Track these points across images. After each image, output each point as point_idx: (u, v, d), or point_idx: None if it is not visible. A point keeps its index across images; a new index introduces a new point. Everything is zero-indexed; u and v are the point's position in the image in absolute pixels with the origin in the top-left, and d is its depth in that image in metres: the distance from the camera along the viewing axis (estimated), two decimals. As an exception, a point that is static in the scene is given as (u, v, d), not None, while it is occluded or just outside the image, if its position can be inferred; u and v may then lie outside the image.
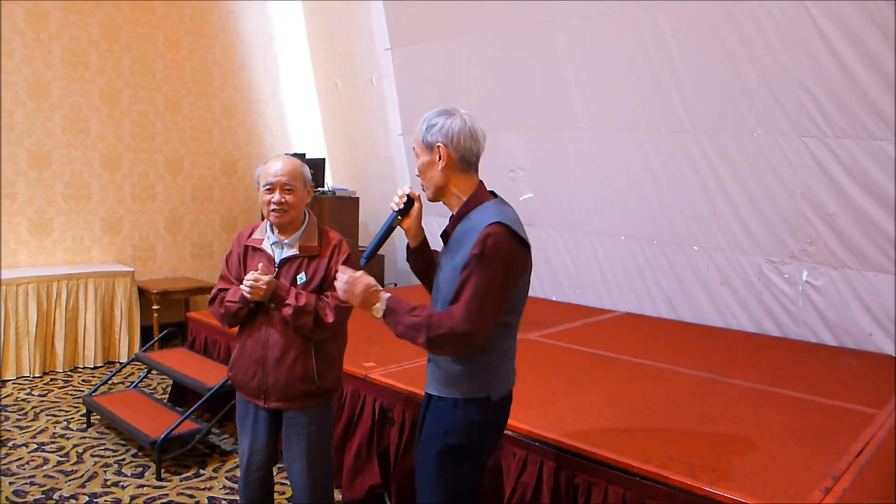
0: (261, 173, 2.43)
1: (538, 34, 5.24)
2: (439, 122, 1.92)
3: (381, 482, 3.13)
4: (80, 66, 5.73)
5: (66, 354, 5.29)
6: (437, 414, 1.98)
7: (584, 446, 2.43)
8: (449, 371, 1.94)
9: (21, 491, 3.25)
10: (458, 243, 1.91)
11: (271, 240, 2.46)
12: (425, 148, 1.93)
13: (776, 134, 4.17)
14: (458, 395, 1.93)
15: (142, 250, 6.26)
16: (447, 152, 1.91)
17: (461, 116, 1.93)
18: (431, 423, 1.99)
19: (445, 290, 1.92)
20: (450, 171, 1.93)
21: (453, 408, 1.94)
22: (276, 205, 2.36)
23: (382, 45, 6.51)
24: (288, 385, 2.38)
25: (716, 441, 2.54)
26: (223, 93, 6.77)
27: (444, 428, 1.94)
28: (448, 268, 1.93)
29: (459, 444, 1.93)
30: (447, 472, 1.95)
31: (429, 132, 1.92)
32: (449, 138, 1.90)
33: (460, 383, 1.93)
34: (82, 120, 5.78)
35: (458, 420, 1.93)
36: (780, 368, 3.65)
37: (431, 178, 1.95)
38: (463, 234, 1.91)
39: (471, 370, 1.93)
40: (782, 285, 4.36)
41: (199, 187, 6.65)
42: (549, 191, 5.47)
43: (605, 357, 3.79)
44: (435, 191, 1.97)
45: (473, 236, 1.84)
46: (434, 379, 2.00)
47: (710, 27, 4.32)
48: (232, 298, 2.40)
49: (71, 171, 5.75)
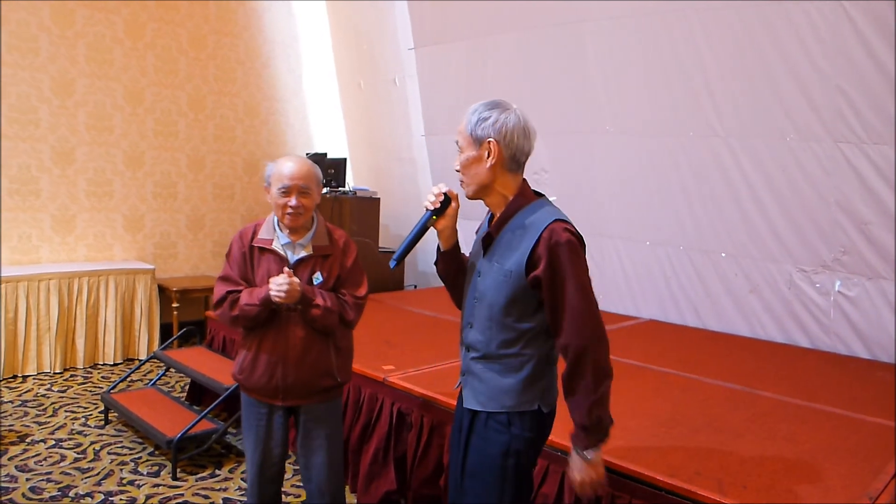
0: (273, 174, 2.37)
1: (565, 35, 5.15)
2: (493, 115, 1.77)
3: (398, 488, 3.07)
4: (105, 64, 5.75)
5: (86, 351, 5.31)
6: (489, 435, 1.83)
7: (608, 458, 2.33)
8: (495, 383, 1.83)
9: (37, 487, 3.24)
10: (507, 245, 1.80)
11: (282, 240, 2.41)
12: (473, 142, 1.78)
13: (810, 139, 4.05)
14: (508, 410, 1.81)
15: (163, 248, 6.27)
16: (498, 149, 1.76)
17: (515, 112, 1.79)
18: (483, 445, 1.84)
19: (491, 296, 1.81)
20: (498, 169, 1.79)
21: (507, 426, 1.81)
22: (293, 209, 2.33)
23: (406, 45, 6.47)
24: (310, 382, 2.40)
25: (746, 456, 2.44)
26: (246, 91, 6.77)
27: (499, 450, 1.81)
28: (493, 272, 1.81)
29: (517, 464, 1.82)
30: (510, 493, 1.83)
31: (479, 125, 1.77)
32: (502, 134, 1.76)
33: (510, 396, 1.81)
34: (106, 117, 5.80)
35: (514, 439, 1.81)
36: (812, 381, 3.54)
37: (476, 175, 1.80)
38: (513, 235, 1.79)
39: (521, 382, 1.81)
40: (814, 295, 4.23)
41: (221, 186, 6.65)
42: (574, 194, 5.38)
43: (628, 365, 3.70)
44: (478, 189, 1.83)
45: (530, 237, 1.74)
46: (477, 394, 1.87)
47: (743, 28, 4.21)
48: (251, 301, 2.32)
49: (94, 169, 5.77)
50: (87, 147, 5.71)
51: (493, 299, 1.80)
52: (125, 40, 5.86)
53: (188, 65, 6.31)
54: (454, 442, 2.01)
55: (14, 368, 4.97)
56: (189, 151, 6.38)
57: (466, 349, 1.91)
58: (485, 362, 1.85)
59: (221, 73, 6.56)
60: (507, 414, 1.81)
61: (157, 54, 6.09)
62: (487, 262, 1.85)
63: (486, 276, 1.83)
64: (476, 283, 1.87)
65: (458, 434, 1.95)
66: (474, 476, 1.86)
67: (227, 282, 2.42)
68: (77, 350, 5.28)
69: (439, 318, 4.74)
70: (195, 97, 6.38)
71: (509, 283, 1.77)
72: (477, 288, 1.86)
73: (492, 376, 1.83)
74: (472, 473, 1.86)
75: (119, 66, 5.84)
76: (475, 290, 1.87)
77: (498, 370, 1.82)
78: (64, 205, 5.62)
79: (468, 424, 1.89)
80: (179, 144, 6.31)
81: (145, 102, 6.04)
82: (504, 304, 1.79)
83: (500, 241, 1.82)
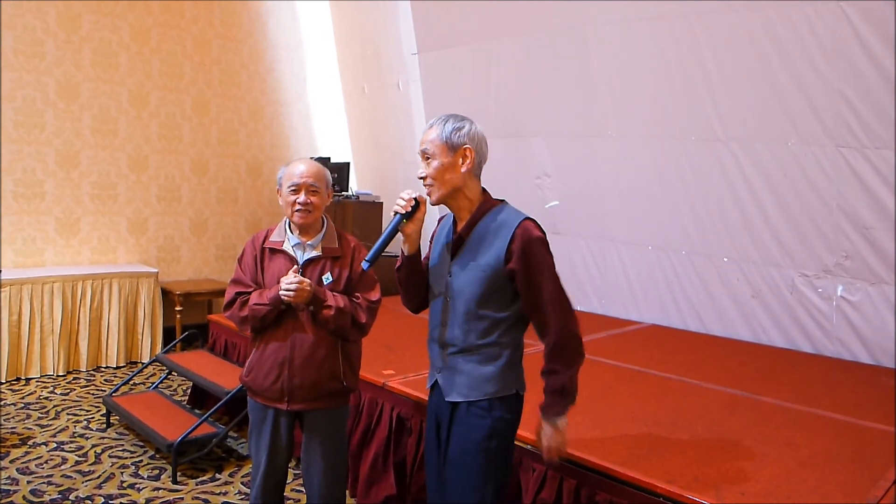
0: (284, 174, 2.45)
1: (568, 39, 5.16)
2: (465, 125, 1.94)
3: (397, 493, 3.07)
4: (110, 68, 5.79)
5: (89, 354, 5.33)
6: (471, 421, 1.94)
7: (606, 464, 2.34)
8: (476, 373, 1.94)
9: (38, 490, 3.25)
10: (479, 244, 1.93)
11: (292, 241, 2.45)
12: (447, 149, 1.92)
13: (812, 143, 4.04)
14: (490, 396, 1.92)
15: (166, 251, 6.29)
16: (473, 155, 1.93)
17: (476, 124, 1.98)
18: (465, 431, 1.94)
19: (468, 291, 1.93)
20: (468, 175, 1.95)
21: (488, 410, 1.92)
22: (301, 205, 2.38)
23: (410, 50, 6.48)
24: (315, 385, 2.39)
25: (745, 463, 2.43)
26: (250, 95, 6.79)
27: (482, 434, 1.92)
28: (468, 270, 1.94)
29: (499, 447, 1.93)
30: (494, 476, 1.93)
31: (455, 134, 1.92)
32: (476, 143, 1.94)
33: (491, 383, 1.93)
34: (111, 121, 5.83)
35: (496, 422, 1.92)
36: (813, 387, 3.52)
37: (449, 181, 1.94)
38: (485, 234, 1.93)
39: (500, 368, 1.93)
40: (816, 300, 4.22)
41: (225, 189, 6.67)
42: (576, 198, 5.37)
43: (629, 370, 3.69)
44: (449, 193, 1.96)
45: (504, 235, 1.89)
46: (457, 385, 1.97)
47: (745, 32, 4.21)
48: (260, 301, 2.35)
49: (98, 172, 5.80)
50: (91, 150, 5.74)
51: (471, 294, 1.93)
52: (130, 45, 5.89)
53: (192, 69, 6.34)
54: (430, 439, 2.10)
55: (17, 371, 5.00)
56: (193, 155, 6.41)
57: (441, 347, 2.02)
58: (464, 355, 1.96)
59: (226, 77, 6.59)
60: (489, 400, 1.93)
61: (162, 59, 6.12)
62: (459, 262, 1.97)
63: (459, 275, 1.95)
64: (449, 283, 1.98)
65: (435, 431, 2.05)
66: (458, 463, 1.95)
67: (238, 284, 2.47)
68: (80, 353, 5.30)
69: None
70: (199, 101, 6.41)
71: (486, 278, 1.91)
72: (452, 287, 1.98)
73: (472, 367, 1.95)
74: (456, 461, 1.95)
75: (124, 70, 5.87)
76: (449, 290, 1.98)
77: (477, 360, 1.94)
78: (68, 208, 5.65)
79: (448, 417, 1.99)
80: (183, 148, 6.33)
81: (150, 106, 6.07)
82: (481, 297, 1.92)
83: (473, 239, 1.95)
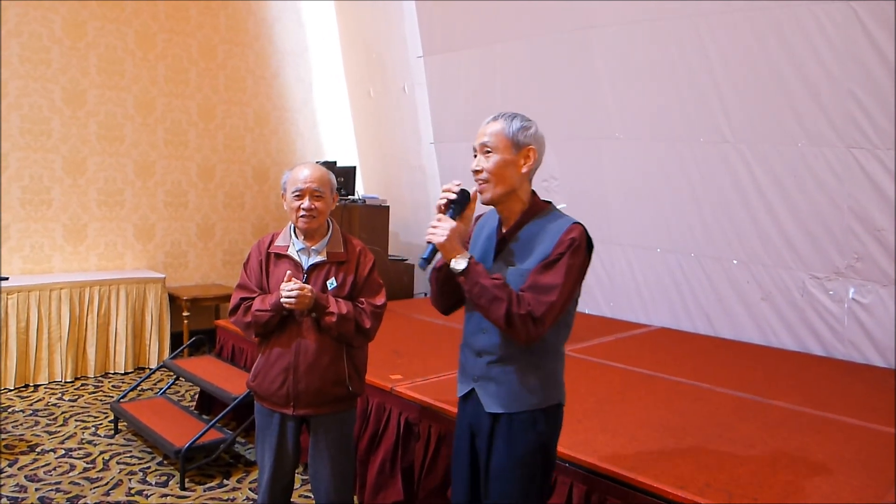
0: (288, 179, 2.44)
1: (574, 41, 5.14)
2: (532, 126, 1.87)
3: (405, 498, 3.05)
4: (116, 75, 5.80)
5: (97, 360, 5.33)
6: (514, 434, 1.86)
7: (616, 469, 2.32)
8: (518, 384, 1.86)
9: (46, 497, 3.25)
10: (525, 247, 1.86)
11: (297, 246, 2.45)
12: (512, 146, 1.84)
13: (822, 144, 4.00)
14: (534, 407, 1.86)
15: (173, 257, 6.29)
16: (535, 157, 1.87)
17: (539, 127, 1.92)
18: (508, 445, 1.86)
19: None
20: (525, 177, 1.89)
21: (532, 424, 1.86)
22: (306, 210, 2.37)
23: (415, 54, 6.48)
24: (321, 390, 2.39)
25: (756, 468, 2.40)
26: (256, 101, 6.80)
27: (526, 449, 1.85)
28: (510, 274, 1.86)
29: (544, 461, 1.89)
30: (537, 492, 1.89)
31: (522, 132, 1.84)
32: (539, 145, 1.88)
33: (534, 394, 1.86)
34: (117, 127, 5.84)
35: (540, 436, 1.86)
36: (825, 390, 3.48)
37: (507, 179, 1.85)
38: (533, 237, 1.86)
39: (542, 379, 1.87)
40: (827, 302, 4.18)
41: (231, 195, 6.67)
42: (584, 201, 5.35)
43: (639, 374, 3.66)
44: (504, 192, 1.87)
45: (553, 237, 1.82)
46: (499, 397, 1.88)
47: (753, 32, 4.18)
48: (262, 307, 2.36)
49: (105, 178, 5.81)
50: (98, 157, 5.75)
51: None
52: (136, 51, 5.91)
53: (198, 75, 6.34)
54: (461, 449, 2.01)
55: (26, 378, 5.00)
56: (199, 161, 6.41)
57: (478, 355, 1.93)
58: (503, 364, 1.88)
59: (231, 82, 6.59)
60: (532, 412, 1.86)
61: (168, 65, 6.13)
62: (499, 265, 1.89)
63: (508, 277, 1.86)
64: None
65: (468, 441, 1.97)
66: (501, 477, 1.88)
67: (243, 289, 2.48)
68: (88, 359, 5.30)
69: (448, 326, 4.71)
70: (205, 107, 6.42)
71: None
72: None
73: (512, 377, 1.87)
74: (499, 476, 1.88)
75: (130, 76, 5.88)
76: None
77: (517, 370, 1.86)
78: (75, 214, 5.66)
79: (488, 429, 1.90)
80: (190, 154, 6.34)
81: (156, 112, 6.08)
82: None
83: (522, 242, 1.88)
